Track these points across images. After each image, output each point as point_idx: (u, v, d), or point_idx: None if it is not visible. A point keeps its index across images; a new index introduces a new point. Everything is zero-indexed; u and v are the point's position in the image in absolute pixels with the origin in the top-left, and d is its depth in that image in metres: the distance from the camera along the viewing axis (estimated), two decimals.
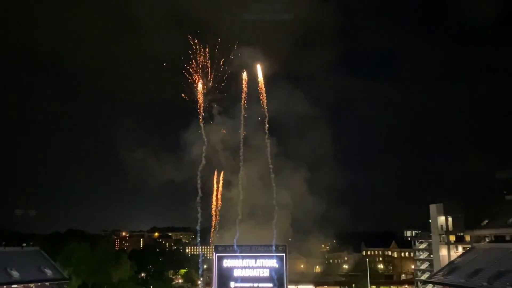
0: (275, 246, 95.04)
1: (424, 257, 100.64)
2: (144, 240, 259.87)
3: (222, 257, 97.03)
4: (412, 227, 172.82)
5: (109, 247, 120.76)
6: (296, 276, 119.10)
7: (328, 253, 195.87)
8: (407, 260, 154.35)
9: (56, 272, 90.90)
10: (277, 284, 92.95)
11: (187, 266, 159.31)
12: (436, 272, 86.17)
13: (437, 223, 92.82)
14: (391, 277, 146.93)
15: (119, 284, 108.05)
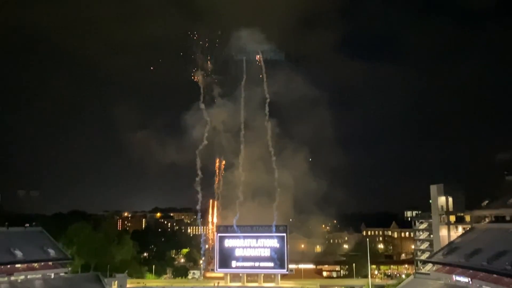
0: (276, 226, 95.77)
1: (424, 237, 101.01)
2: (146, 220, 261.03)
3: (223, 237, 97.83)
4: (412, 207, 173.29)
5: (112, 227, 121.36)
6: (297, 255, 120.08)
7: (328, 233, 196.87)
8: (407, 240, 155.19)
9: (59, 252, 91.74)
10: (278, 264, 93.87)
11: (189, 246, 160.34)
12: (436, 252, 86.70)
13: (438, 203, 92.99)
14: (391, 257, 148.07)
15: (121, 264, 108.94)
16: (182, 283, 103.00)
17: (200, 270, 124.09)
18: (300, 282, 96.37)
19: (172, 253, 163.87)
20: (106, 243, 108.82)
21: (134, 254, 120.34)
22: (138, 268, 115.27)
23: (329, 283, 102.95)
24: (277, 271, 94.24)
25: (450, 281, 72.82)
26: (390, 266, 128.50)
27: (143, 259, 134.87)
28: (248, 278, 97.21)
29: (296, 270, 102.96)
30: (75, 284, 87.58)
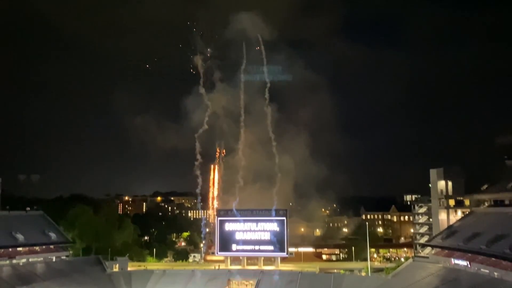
0: (276, 210, 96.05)
1: (423, 221, 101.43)
2: (147, 204, 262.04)
3: (224, 221, 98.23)
4: (412, 191, 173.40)
5: (112, 211, 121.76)
6: (297, 239, 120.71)
7: (328, 217, 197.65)
8: (407, 224, 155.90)
9: (60, 236, 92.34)
10: (278, 247, 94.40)
11: (190, 230, 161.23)
12: (435, 235, 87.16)
13: (437, 187, 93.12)
14: (390, 241, 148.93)
15: (122, 247, 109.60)
16: (183, 266, 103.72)
17: (200, 253, 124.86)
18: (299, 265, 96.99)
19: (172, 236, 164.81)
20: (107, 227, 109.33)
21: (135, 238, 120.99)
22: (139, 251, 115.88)
23: (328, 266, 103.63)
24: (277, 254, 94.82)
25: (449, 265, 73.34)
26: (389, 249, 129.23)
27: (144, 242, 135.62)
28: (248, 261, 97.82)
29: (295, 254, 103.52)
30: (77, 267, 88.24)
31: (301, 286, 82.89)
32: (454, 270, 70.30)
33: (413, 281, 72.78)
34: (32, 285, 74.47)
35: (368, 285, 78.82)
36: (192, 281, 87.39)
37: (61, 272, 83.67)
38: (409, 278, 75.22)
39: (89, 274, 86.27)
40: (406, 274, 78.26)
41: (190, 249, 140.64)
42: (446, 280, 67.31)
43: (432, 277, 71.68)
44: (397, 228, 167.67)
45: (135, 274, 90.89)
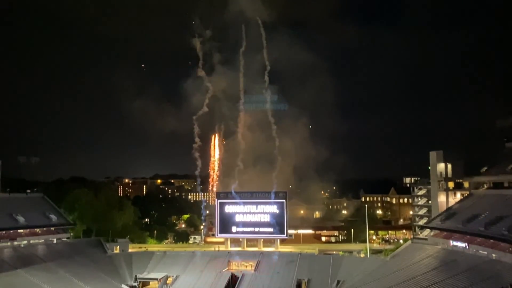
0: (276, 193, 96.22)
1: (422, 203, 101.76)
2: (147, 186, 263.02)
3: (224, 203, 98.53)
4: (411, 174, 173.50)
5: (113, 193, 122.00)
6: (296, 221, 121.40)
7: (327, 199, 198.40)
8: (406, 206, 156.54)
9: (60, 218, 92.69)
10: (277, 229, 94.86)
11: (190, 212, 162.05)
12: (434, 217, 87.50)
13: (437, 170, 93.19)
14: (389, 222, 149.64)
15: (123, 229, 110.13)
16: (183, 247, 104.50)
17: (201, 235, 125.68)
18: (299, 247, 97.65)
19: (173, 218, 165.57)
20: (108, 209, 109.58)
21: (136, 220, 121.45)
22: (140, 233, 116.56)
23: (327, 247, 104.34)
24: (276, 236, 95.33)
25: (448, 246, 73.70)
26: (388, 231, 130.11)
27: (145, 224, 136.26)
28: (248, 243, 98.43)
29: (295, 235, 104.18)
30: (78, 248, 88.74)
31: (300, 267, 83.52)
32: (453, 252, 70.67)
33: (412, 263, 73.23)
34: (33, 266, 74.91)
35: (367, 267, 79.34)
36: (193, 262, 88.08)
37: (62, 253, 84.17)
38: (407, 260, 75.70)
39: (90, 255, 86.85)
40: (404, 256, 78.74)
41: (190, 231, 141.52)
42: (445, 262, 67.70)
43: (431, 258, 72.10)
44: (396, 210, 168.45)
45: (135, 256, 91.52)
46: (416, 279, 64.89)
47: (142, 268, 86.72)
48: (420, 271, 67.94)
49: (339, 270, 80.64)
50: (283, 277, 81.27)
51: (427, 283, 61.59)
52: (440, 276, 62.12)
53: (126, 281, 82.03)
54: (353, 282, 74.88)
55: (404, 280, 66.32)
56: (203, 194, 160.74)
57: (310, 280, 79.52)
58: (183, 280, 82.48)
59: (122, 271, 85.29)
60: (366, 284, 71.18)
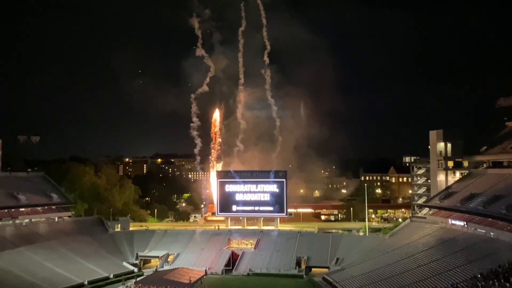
0: (276, 172, 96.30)
1: (421, 182, 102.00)
2: (148, 166, 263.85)
3: (224, 182, 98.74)
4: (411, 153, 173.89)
5: (113, 172, 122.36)
6: (296, 200, 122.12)
7: (327, 178, 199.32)
8: (405, 185, 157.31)
9: (62, 197, 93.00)
10: (277, 208, 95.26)
11: (190, 191, 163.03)
12: (432, 196, 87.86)
13: (436, 149, 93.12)
14: (388, 201, 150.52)
15: (124, 208, 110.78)
16: (184, 226, 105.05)
17: (201, 213, 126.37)
18: (298, 225, 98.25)
19: (173, 197, 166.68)
20: (108, 188, 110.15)
21: (136, 199, 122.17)
22: (141, 212, 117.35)
23: (327, 226, 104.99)
24: (276, 215, 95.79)
25: (446, 225, 74.21)
26: (387, 210, 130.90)
27: (145, 203, 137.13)
28: (248, 222, 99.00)
29: (295, 214, 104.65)
30: (79, 226, 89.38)
31: (300, 245, 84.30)
32: (451, 230, 71.20)
33: (410, 241, 73.88)
34: (35, 245, 75.58)
35: (366, 245, 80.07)
36: (193, 241, 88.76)
37: (64, 232, 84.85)
38: (406, 238, 76.37)
39: (91, 234, 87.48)
40: (403, 234, 79.40)
41: (191, 209, 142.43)
42: (443, 240, 68.28)
43: (429, 237, 72.71)
44: (396, 189, 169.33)
45: (137, 234, 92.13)
46: (414, 257, 65.57)
47: (143, 246, 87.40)
48: (419, 249, 68.60)
49: (338, 248, 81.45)
50: (283, 255, 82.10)
51: (425, 260, 62.24)
52: (438, 254, 62.74)
53: (128, 259, 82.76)
54: (352, 260, 75.65)
55: (403, 258, 67.01)
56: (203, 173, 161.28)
57: (310, 258, 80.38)
58: (184, 257, 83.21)
59: (123, 249, 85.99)
60: (364, 262, 71.91)
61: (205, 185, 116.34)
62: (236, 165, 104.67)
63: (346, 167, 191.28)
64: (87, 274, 70.57)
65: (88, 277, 69.49)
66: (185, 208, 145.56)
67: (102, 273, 72.46)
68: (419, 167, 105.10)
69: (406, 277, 59.30)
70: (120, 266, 78.62)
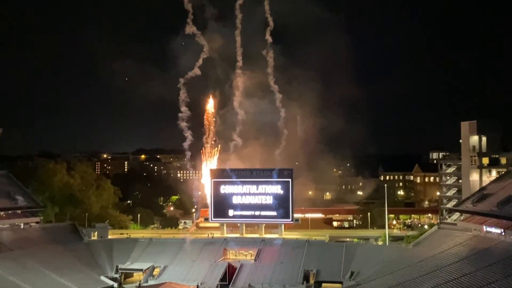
0: (280, 170, 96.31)
1: (451, 183, 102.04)
2: (129, 163, 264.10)
3: (219, 183, 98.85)
4: (439, 148, 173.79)
5: (89, 171, 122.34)
6: (304, 203, 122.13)
7: (340, 178, 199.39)
8: (432, 186, 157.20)
9: (28, 199, 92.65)
10: (282, 212, 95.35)
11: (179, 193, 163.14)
12: (464, 199, 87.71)
13: (469, 143, 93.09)
14: (412, 205, 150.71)
15: (101, 212, 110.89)
16: (172, 233, 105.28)
17: (192, 219, 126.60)
18: (306, 233, 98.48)
19: (160, 200, 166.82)
20: (83, 189, 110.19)
21: (116, 202, 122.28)
22: (121, 217, 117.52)
23: (340, 234, 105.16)
24: (280, 220, 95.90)
25: (480, 232, 74.13)
26: (411, 215, 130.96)
27: (127, 207, 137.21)
28: (247, 229, 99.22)
29: (302, 220, 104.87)
30: (49, 234, 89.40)
31: (308, 256, 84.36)
32: (486, 239, 71.13)
33: (438, 252, 73.85)
34: None
35: (386, 256, 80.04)
36: (183, 251, 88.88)
37: (31, 240, 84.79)
38: (433, 248, 76.32)
39: (63, 243, 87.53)
40: (429, 244, 79.36)
41: (180, 214, 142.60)
42: (477, 250, 68.24)
43: (460, 246, 72.69)
44: (421, 190, 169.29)
45: (117, 243, 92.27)
46: (442, 271, 65.55)
47: (124, 257, 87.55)
48: (448, 261, 68.57)
49: (353, 260, 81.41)
50: (288, 268, 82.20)
51: (455, 275, 62.20)
52: (470, 267, 62.68)
53: (106, 273, 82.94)
54: (369, 273, 75.66)
55: (429, 271, 66.99)
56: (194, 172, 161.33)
57: (319, 271, 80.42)
58: (171, 271, 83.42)
59: (101, 261, 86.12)
60: (384, 276, 71.92)
61: (197, 186, 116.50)
62: (234, 162, 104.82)
63: (363, 164, 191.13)
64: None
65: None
66: (174, 213, 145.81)
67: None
68: (449, 165, 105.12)
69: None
70: (97, 281, 78.82)
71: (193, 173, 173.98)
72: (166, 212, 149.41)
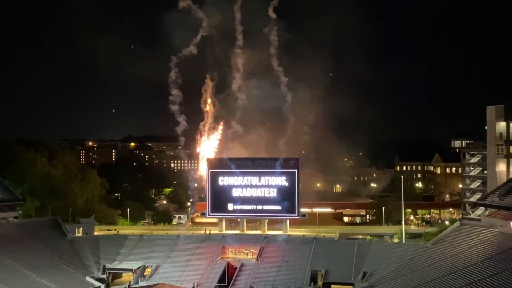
0: (285, 160, 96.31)
1: (475, 174, 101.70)
2: (117, 151, 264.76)
3: (217, 173, 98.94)
4: (462, 135, 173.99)
5: (72, 160, 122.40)
6: (311, 197, 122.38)
7: (352, 169, 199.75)
8: (453, 178, 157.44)
9: (5, 191, 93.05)
10: (287, 207, 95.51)
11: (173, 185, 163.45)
12: (490, 192, 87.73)
13: (495, 130, 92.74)
14: (432, 199, 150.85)
15: (87, 206, 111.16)
16: (165, 229, 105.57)
17: (187, 214, 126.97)
18: (314, 230, 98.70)
19: (151, 193, 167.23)
20: (66, 180, 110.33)
21: (103, 194, 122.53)
22: (108, 211, 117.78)
23: (351, 230, 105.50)
24: (285, 216, 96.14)
25: (507, 229, 74.22)
26: (430, 210, 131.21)
27: (114, 200, 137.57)
28: (248, 225, 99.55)
29: (309, 215, 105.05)
30: (29, 230, 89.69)
31: (316, 255, 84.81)
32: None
33: (460, 250, 74.06)
34: None
35: (402, 255, 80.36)
36: (177, 249, 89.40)
37: (9, 237, 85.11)
38: (454, 246, 76.54)
39: (45, 240, 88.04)
40: (451, 241, 79.57)
41: (174, 208, 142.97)
42: (503, 249, 68.33)
43: (485, 244, 72.83)
44: (441, 182, 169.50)
45: (104, 240, 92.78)
46: (464, 271, 65.77)
47: (112, 256, 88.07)
48: (471, 260, 68.77)
49: (365, 259, 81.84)
50: (294, 268, 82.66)
51: (479, 276, 62.42)
52: (496, 268, 62.85)
53: (92, 273, 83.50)
54: (383, 274, 76.04)
55: (450, 272, 67.23)
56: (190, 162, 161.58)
57: (328, 272, 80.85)
58: (165, 271, 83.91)
59: (86, 259, 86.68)
60: (400, 277, 72.27)
61: (192, 177, 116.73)
62: (233, 151, 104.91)
63: (377, 153, 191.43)
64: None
65: None
66: (167, 207, 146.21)
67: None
68: (473, 154, 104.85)
69: None
70: (82, 282, 79.34)
71: (189, 163, 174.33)
72: (158, 206, 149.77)
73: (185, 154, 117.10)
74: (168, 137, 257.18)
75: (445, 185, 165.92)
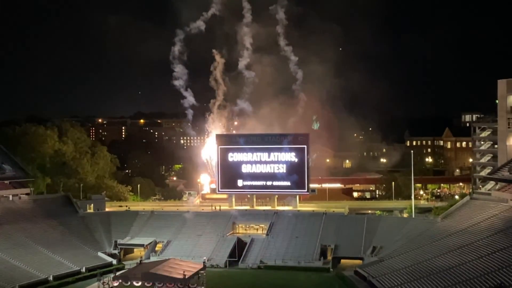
0: (294, 135, 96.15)
1: (486, 148, 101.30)
2: (127, 128, 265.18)
3: (227, 150, 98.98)
4: (472, 109, 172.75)
5: (82, 137, 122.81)
6: (321, 172, 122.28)
7: (362, 144, 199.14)
8: (464, 152, 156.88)
9: (17, 169, 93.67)
10: (296, 183, 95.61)
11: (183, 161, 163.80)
12: (500, 166, 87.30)
13: (507, 104, 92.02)
14: (442, 173, 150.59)
15: (97, 182, 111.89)
16: (175, 206, 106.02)
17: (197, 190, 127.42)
18: (324, 205, 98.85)
19: (161, 169, 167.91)
20: (77, 157, 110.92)
21: (113, 171, 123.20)
22: (119, 188, 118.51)
23: (361, 205, 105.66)
24: (295, 191, 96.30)
25: None
26: (440, 184, 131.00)
27: (125, 176, 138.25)
28: (258, 201, 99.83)
29: (319, 191, 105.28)
30: (41, 207, 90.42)
31: (326, 230, 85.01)
32: None
33: (470, 224, 74.04)
34: None
35: (411, 229, 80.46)
36: (187, 225, 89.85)
37: (21, 213, 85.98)
38: (464, 221, 76.52)
39: (56, 216, 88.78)
40: (461, 216, 79.52)
41: (184, 184, 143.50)
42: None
43: (495, 219, 72.73)
44: (452, 157, 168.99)
45: (115, 216, 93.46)
46: (474, 246, 65.82)
47: (124, 232, 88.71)
48: (481, 235, 68.74)
49: (375, 234, 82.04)
50: (303, 243, 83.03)
51: (488, 250, 62.45)
52: (505, 242, 62.81)
53: (104, 248, 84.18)
54: (393, 248, 76.17)
55: (459, 246, 67.32)
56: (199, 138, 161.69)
57: (338, 246, 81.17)
58: (175, 246, 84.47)
59: (98, 235, 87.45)
60: (409, 251, 72.40)
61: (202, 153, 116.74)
62: (243, 127, 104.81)
63: (387, 128, 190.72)
64: (53, 267, 71.90)
65: (54, 271, 70.86)
66: (177, 183, 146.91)
67: (72, 266, 73.88)
68: (483, 128, 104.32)
69: (463, 271, 59.60)
70: (95, 257, 79.96)
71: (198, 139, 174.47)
72: (168, 182, 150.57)
73: (193, 129, 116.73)
74: (177, 114, 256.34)
75: (456, 159, 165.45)
